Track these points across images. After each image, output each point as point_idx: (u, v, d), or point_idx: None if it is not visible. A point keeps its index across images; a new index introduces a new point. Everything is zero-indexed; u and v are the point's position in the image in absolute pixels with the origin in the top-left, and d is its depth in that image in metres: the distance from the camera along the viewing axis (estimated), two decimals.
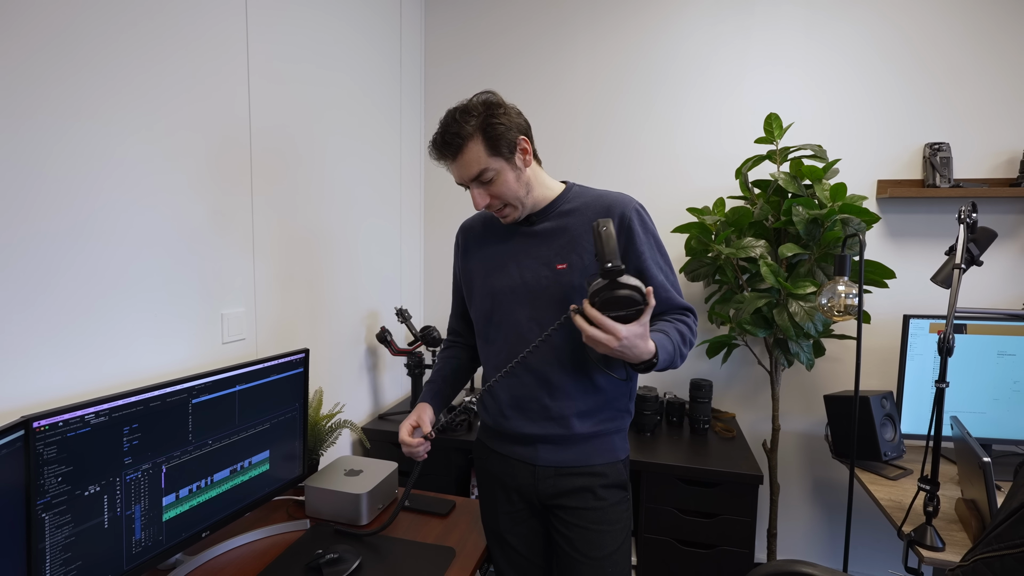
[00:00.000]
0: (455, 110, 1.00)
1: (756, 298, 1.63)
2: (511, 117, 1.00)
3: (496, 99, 1.01)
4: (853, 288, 1.43)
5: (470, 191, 1.03)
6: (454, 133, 0.97)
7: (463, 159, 0.99)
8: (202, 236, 1.23)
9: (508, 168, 1.00)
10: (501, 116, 0.98)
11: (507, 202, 1.03)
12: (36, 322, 0.91)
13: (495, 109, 0.99)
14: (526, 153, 1.02)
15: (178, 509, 1.02)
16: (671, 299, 1.05)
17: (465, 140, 0.97)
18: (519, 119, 1.02)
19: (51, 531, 0.81)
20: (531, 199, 1.05)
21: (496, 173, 0.99)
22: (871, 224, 1.62)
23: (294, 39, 1.49)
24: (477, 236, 1.16)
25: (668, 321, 1.03)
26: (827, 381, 1.98)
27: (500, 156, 0.99)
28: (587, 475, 1.05)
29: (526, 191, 1.03)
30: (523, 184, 1.02)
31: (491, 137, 0.97)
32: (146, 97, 1.08)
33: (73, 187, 0.95)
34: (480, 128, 0.97)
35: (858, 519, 1.96)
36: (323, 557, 1.08)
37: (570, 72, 2.14)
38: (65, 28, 0.93)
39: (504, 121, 0.98)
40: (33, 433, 0.77)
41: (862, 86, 1.88)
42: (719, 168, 2.02)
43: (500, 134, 0.97)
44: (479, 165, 0.98)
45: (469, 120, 0.97)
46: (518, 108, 1.04)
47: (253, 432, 1.17)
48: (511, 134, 0.99)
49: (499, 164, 0.99)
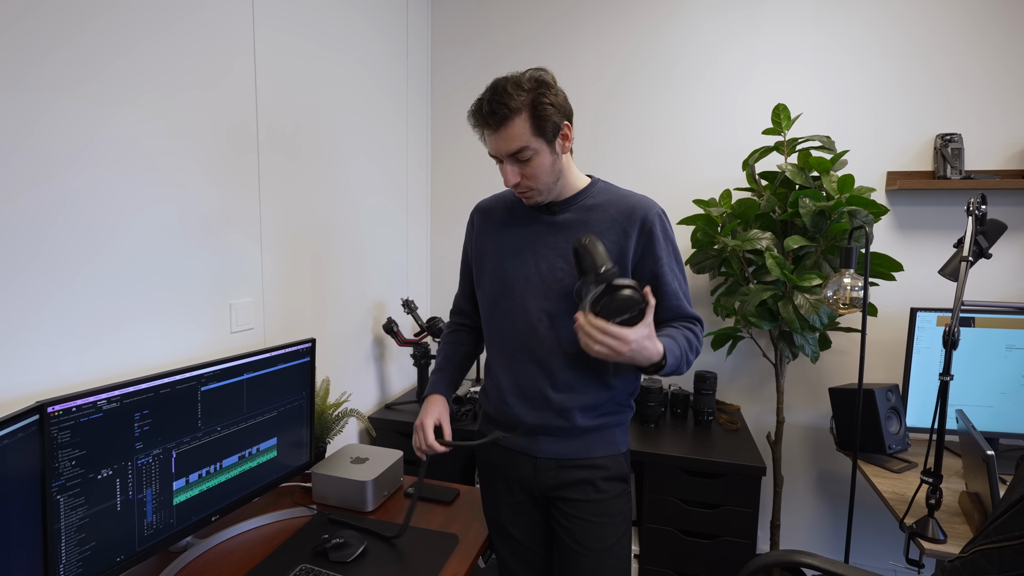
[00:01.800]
0: (506, 80, 0.96)
1: (761, 290, 1.63)
2: (560, 100, 0.97)
3: (549, 78, 0.98)
4: (859, 281, 1.42)
5: (501, 166, 1.00)
6: (502, 103, 0.93)
7: (506, 132, 0.95)
8: (211, 226, 1.24)
9: (547, 151, 0.97)
10: (551, 96, 0.95)
11: (537, 185, 1.00)
12: (51, 312, 0.93)
13: (547, 88, 0.96)
14: (566, 140, 1.00)
15: (188, 493, 1.04)
16: (681, 307, 1.04)
17: (512, 113, 0.94)
18: (566, 104, 1.00)
19: (66, 512, 0.83)
20: (559, 187, 1.03)
21: (535, 153, 0.96)
22: (879, 216, 1.61)
23: (299, 23, 1.50)
24: (494, 218, 1.14)
25: (676, 328, 1.02)
26: (833, 374, 1.97)
27: (543, 137, 0.96)
28: (588, 467, 1.05)
29: (557, 178, 1.01)
30: (556, 170, 1.00)
31: (538, 116, 0.94)
32: (154, 83, 1.09)
33: (88, 180, 0.97)
34: (529, 104, 0.94)
35: (862, 512, 1.96)
36: (329, 542, 1.11)
37: (577, 62, 2.13)
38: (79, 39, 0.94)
39: (553, 101, 0.95)
40: (48, 418, 0.80)
41: (872, 76, 1.86)
42: (726, 160, 2.01)
43: (548, 115, 0.95)
44: (520, 142, 0.95)
45: (520, 93, 0.94)
46: (566, 93, 1.02)
47: (261, 420, 1.19)
48: (557, 117, 0.96)
49: (540, 145, 0.96)
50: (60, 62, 0.92)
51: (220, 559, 1.09)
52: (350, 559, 1.08)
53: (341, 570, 1.05)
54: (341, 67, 1.70)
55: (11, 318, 0.88)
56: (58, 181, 0.93)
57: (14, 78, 0.86)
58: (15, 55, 0.86)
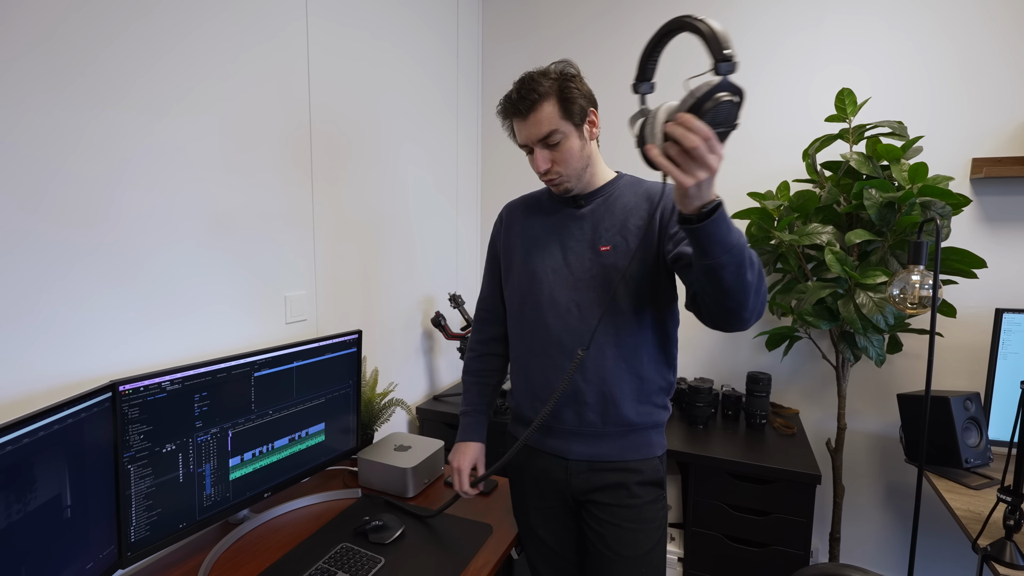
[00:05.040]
0: (532, 71, 1.01)
1: (819, 288, 1.53)
2: (585, 88, 1.00)
3: (573, 69, 1.02)
4: (930, 278, 1.31)
5: (532, 155, 1.02)
6: (530, 89, 0.97)
7: (535, 116, 0.98)
8: (269, 221, 1.34)
9: (576, 135, 0.99)
10: (577, 82, 0.99)
11: (567, 171, 1.01)
12: (126, 301, 1.04)
13: (572, 76, 1.00)
14: (593, 126, 1.02)
15: (243, 470, 1.13)
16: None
17: (541, 98, 0.97)
18: (591, 93, 1.02)
19: (135, 481, 0.93)
20: (587, 176, 1.04)
21: (564, 137, 0.98)
22: (959, 208, 1.47)
23: (352, 19, 1.57)
24: (521, 214, 1.17)
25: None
26: (904, 379, 1.82)
27: (571, 121, 0.98)
28: (621, 471, 1.03)
29: (585, 164, 1.03)
30: (585, 156, 1.02)
31: (566, 99, 0.97)
32: (211, 79, 1.18)
33: (156, 177, 1.08)
34: (556, 89, 0.97)
35: (934, 530, 1.81)
36: (369, 524, 1.16)
37: (628, 53, 2.09)
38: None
39: (579, 87, 0.99)
40: (119, 395, 0.89)
41: (954, 53, 1.69)
42: (784, 150, 1.90)
43: (574, 98, 0.97)
44: (550, 125, 0.97)
45: (546, 80, 0.98)
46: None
47: (310, 405, 1.27)
48: (584, 102, 0.99)
49: (568, 128, 0.98)
50: (129, 75, 1.02)
51: (272, 533, 1.18)
52: (388, 541, 1.13)
53: (379, 551, 1.10)
54: (392, 63, 1.76)
55: (91, 305, 0.99)
56: (135, 183, 1.04)
57: (122, 84, 0.96)
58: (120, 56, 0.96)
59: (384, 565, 1.06)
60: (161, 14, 1.06)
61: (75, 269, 0.95)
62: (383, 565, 1.06)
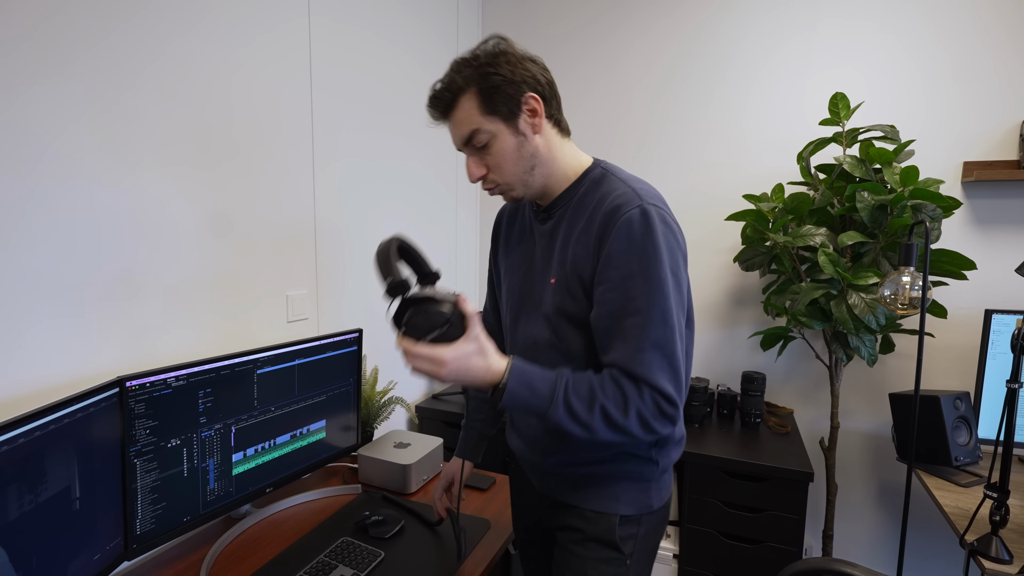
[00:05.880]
0: (456, 58, 0.82)
1: (812, 289, 1.56)
2: (516, 68, 0.79)
3: (503, 46, 0.80)
4: (920, 279, 1.33)
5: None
6: (445, 85, 0.81)
7: (455, 117, 0.81)
8: (271, 219, 1.36)
9: (507, 132, 0.80)
10: (503, 66, 0.78)
11: (504, 177, 0.83)
12: (130, 299, 1.06)
13: (497, 58, 0.79)
14: (535, 115, 0.81)
15: (246, 466, 1.15)
16: (618, 349, 0.76)
17: (456, 93, 0.80)
18: (533, 71, 0.80)
19: (141, 475, 0.95)
20: (539, 179, 0.85)
21: (492, 137, 0.80)
22: (950, 211, 1.49)
23: (354, 17, 1.59)
24: (507, 223, 1.02)
25: (590, 376, 0.76)
26: (896, 378, 1.85)
27: (496, 115, 0.79)
28: (577, 516, 0.90)
29: (530, 166, 0.83)
30: (526, 156, 0.82)
31: (486, 90, 0.78)
32: (215, 72, 1.21)
33: (158, 175, 1.10)
34: (475, 79, 0.78)
35: (924, 527, 1.83)
36: (370, 518, 1.19)
37: (626, 56, 2.11)
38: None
39: (505, 72, 0.78)
40: (126, 391, 0.92)
41: (946, 59, 1.72)
42: (780, 152, 1.92)
43: (496, 86, 0.78)
44: (469, 124, 0.80)
45: (465, 69, 0.79)
46: (541, 60, 0.83)
47: (311, 402, 1.29)
48: (513, 89, 0.78)
49: (495, 126, 0.80)
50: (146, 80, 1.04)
51: (274, 527, 1.20)
52: (387, 536, 1.15)
53: (378, 545, 1.12)
54: (393, 65, 1.78)
55: (100, 305, 1.01)
56: (136, 180, 1.06)
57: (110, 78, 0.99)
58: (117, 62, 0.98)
59: (384, 559, 1.08)
60: (166, 7, 1.08)
61: (79, 269, 0.97)
62: (383, 559, 1.08)
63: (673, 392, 0.75)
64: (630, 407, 0.74)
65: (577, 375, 0.77)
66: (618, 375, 0.75)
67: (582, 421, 0.74)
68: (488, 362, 0.73)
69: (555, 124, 0.85)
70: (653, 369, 0.74)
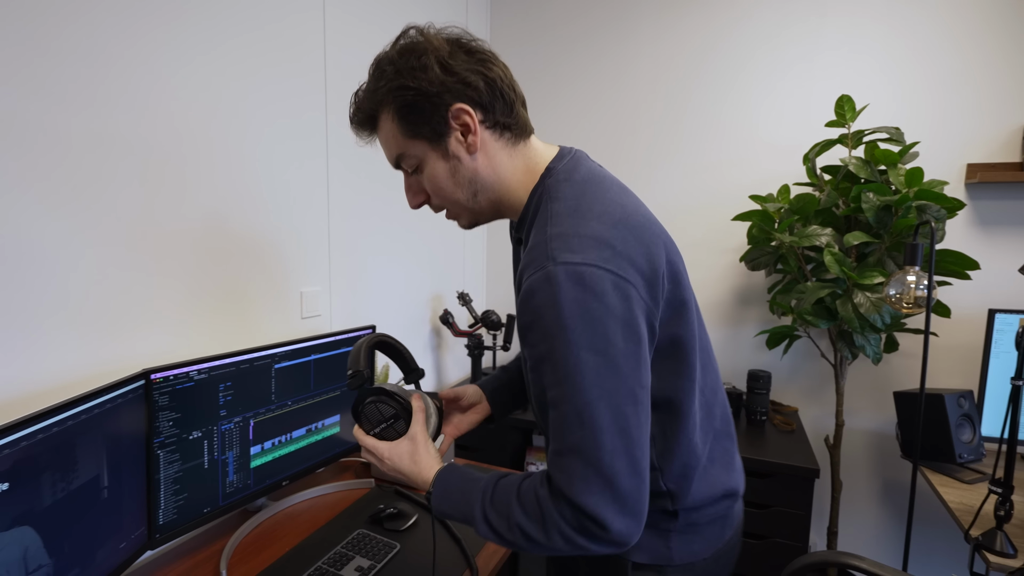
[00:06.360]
0: (373, 62, 0.69)
1: (818, 288, 1.58)
2: (435, 73, 0.63)
3: (414, 43, 0.65)
4: (925, 278, 1.36)
5: None
6: (360, 100, 0.70)
7: (379, 136, 0.71)
8: (286, 217, 1.38)
9: (435, 156, 0.68)
10: (417, 74, 0.63)
11: (444, 203, 0.73)
12: (153, 295, 1.08)
13: (408, 60, 0.64)
14: (468, 131, 0.66)
15: (263, 459, 1.17)
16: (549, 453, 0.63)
17: (370, 111, 0.69)
18: (461, 72, 0.64)
19: (164, 465, 0.97)
20: (486, 204, 0.72)
21: (419, 161, 0.69)
22: (954, 211, 1.52)
23: (368, 14, 1.61)
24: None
25: (519, 483, 0.65)
26: (900, 377, 1.87)
27: (419, 138, 0.67)
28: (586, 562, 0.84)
29: (471, 191, 0.70)
30: (463, 182, 0.69)
31: (402, 109, 0.65)
32: (251, 88, 1.23)
33: (174, 173, 1.12)
34: (388, 96, 0.65)
35: (928, 524, 1.85)
36: (384, 512, 1.21)
37: (634, 59, 2.13)
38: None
39: (422, 83, 0.63)
40: (151, 383, 0.93)
41: (950, 61, 1.74)
42: (785, 154, 1.95)
43: (413, 103, 0.64)
44: (393, 148, 0.69)
45: (379, 78, 0.66)
46: (482, 49, 0.67)
47: (325, 398, 1.31)
48: (435, 102, 0.64)
49: (420, 149, 0.68)
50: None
51: (289, 520, 1.22)
52: (402, 528, 1.17)
53: (394, 537, 1.14)
54: None
55: (126, 300, 1.03)
56: (154, 179, 1.08)
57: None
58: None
59: (400, 551, 1.10)
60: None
61: (110, 267, 0.99)
62: (399, 551, 1.10)
63: (597, 509, 0.58)
64: (548, 525, 0.60)
65: (503, 483, 0.66)
66: (539, 485, 0.63)
67: (505, 539, 0.64)
68: (419, 467, 0.72)
69: (501, 132, 0.69)
70: (572, 479, 0.59)
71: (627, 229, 0.64)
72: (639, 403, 0.61)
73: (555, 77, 2.27)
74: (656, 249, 0.66)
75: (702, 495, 0.75)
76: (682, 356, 0.69)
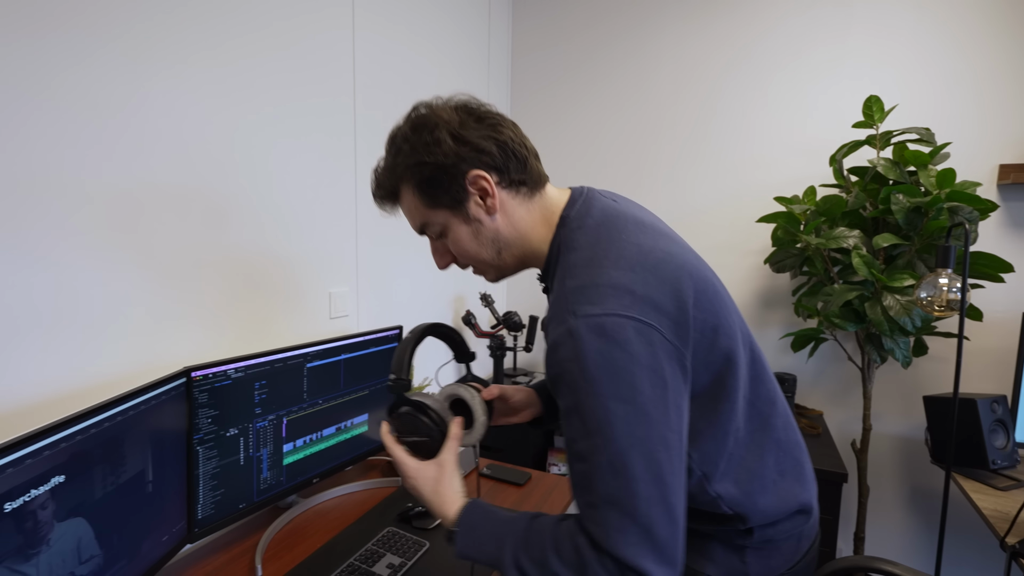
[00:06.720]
0: (389, 137, 0.74)
1: (847, 290, 1.56)
2: (448, 144, 0.67)
3: (424, 118, 0.69)
4: (958, 281, 1.34)
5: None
6: (380, 177, 0.74)
7: (402, 207, 0.76)
8: (316, 218, 1.40)
9: (457, 221, 0.71)
10: (432, 149, 0.67)
11: (469, 262, 0.77)
12: (194, 297, 1.11)
13: (422, 135, 0.68)
14: (487, 195, 0.69)
15: (295, 456, 1.19)
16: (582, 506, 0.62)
17: (391, 186, 0.74)
18: (473, 139, 0.67)
19: (203, 461, 1.00)
20: (511, 259, 0.75)
21: (443, 227, 0.73)
22: (986, 213, 1.49)
23: (394, 25, 1.63)
24: None
25: (554, 530, 0.64)
26: (929, 381, 1.84)
27: (440, 207, 0.71)
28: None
29: (495, 250, 0.73)
30: (486, 242, 0.73)
31: (421, 183, 0.70)
32: (278, 90, 1.26)
33: (215, 180, 1.15)
34: (407, 171, 0.70)
35: (959, 530, 1.82)
36: (412, 510, 1.22)
37: (657, 63, 2.13)
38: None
39: (437, 156, 0.67)
40: (191, 381, 0.96)
41: (983, 60, 1.71)
42: (811, 155, 1.93)
43: (431, 177, 0.68)
44: (418, 218, 0.74)
45: (396, 155, 0.71)
46: (490, 114, 0.70)
47: (354, 397, 1.33)
48: (452, 173, 0.68)
49: (443, 217, 0.72)
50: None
51: (319, 517, 1.24)
52: (431, 526, 1.18)
53: (423, 535, 1.15)
54: (430, 73, 1.82)
55: (167, 303, 1.06)
56: (195, 190, 1.11)
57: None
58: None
59: (429, 549, 1.11)
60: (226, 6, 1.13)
61: (154, 275, 1.03)
62: (428, 549, 1.11)
63: (637, 560, 0.57)
64: (588, 574, 0.59)
65: (536, 526, 0.66)
66: (577, 533, 0.62)
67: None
68: (440, 499, 0.71)
69: (517, 188, 0.71)
70: (609, 532, 0.58)
71: (646, 270, 0.63)
72: (671, 448, 0.60)
73: (577, 81, 2.27)
74: (681, 283, 0.65)
75: (775, 510, 0.73)
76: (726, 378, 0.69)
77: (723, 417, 0.69)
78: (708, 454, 0.69)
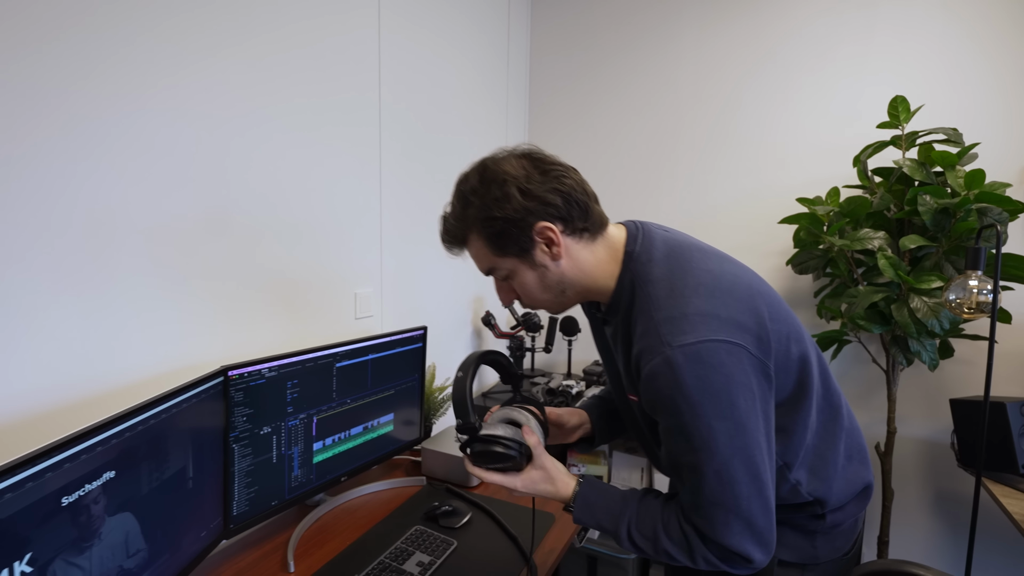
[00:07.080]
0: (456, 187, 0.79)
1: (872, 292, 1.55)
2: (516, 199, 0.71)
3: (493, 173, 0.73)
4: (988, 284, 1.32)
5: None
6: (450, 226, 0.80)
7: (469, 252, 0.81)
8: (343, 220, 1.42)
9: (525, 267, 0.77)
10: (502, 204, 0.71)
11: (534, 303, 0.82)
12: (228, 297, 1.13)
13: (491, 190, 0.72)
14: (553, 244, 0.74)
15: (325, 455, 1.21)
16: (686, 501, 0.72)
17: (460, 235, 0.79)
18: (540, 193, 0.71)
19: (239, 459, 1.01)
20: (574, 296, 0.81)
21: (510, 272, 0.78)
22: (1016, 215, 1.47)
23: (418, 29, 1.65)
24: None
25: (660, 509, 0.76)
26: (955, 384, 1.82)
27: (508, 255, 0.76)
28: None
29: (560, 290, 0.79)
30: (552, 284, 0.78)
31: (491, 234, 0.74)
32: (305, 95, 1.28)
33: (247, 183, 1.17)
34: (476, 223, 0.75)
35: (987, 535, 1.79)
36: (439, 509, 1.23)
37: (677, 65, 2.13)
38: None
39: (507, 211, 0.71)
40: (228, 380, 0.98)
41: (1009, 60, 1.69)
42: (834, 156, 1.91)
43: (501, 230, 0.73)
44: (486, 263, 0.80)
45: (465, 207, 0.76)
46: (555, 166, 0.74)
47: (381, 396, 1.34)
48: (520, 225, 0.72)
49: (510, 263, 0.77)
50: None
51: (347, 514, 1.25)
52: (458, 525, 1.19)
53: (450, 534, 1.16)
54: (452, 76, 1.84)
55: (208, 301, 1.08)
56: (230, 193, 1.13)
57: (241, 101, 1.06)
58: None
59: (457, 547, 1.12)
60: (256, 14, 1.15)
61: (195, 278, 1.05)
62: (456, 547, 1.12)
63: (742, 547, 0.68)
64: (695, 554, 0.71)
65: (646, 505, 0.77)
66: (684, 522, 0.73)
67: (647, 554, 0.76)
68: (556, 487, 0.80)
69: (580, 234, 0.76)
70: (716, 526, 0.69)
71: (724, 293, 0.71)
72: (763, 450, 0.69)
73: (595, 82, 2.28)
74: (755, 300, 0.73)
75: (844, 493, 0.81)
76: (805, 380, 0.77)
77: (804, 413, 0.76)
78: (790, 447, 0.77)
